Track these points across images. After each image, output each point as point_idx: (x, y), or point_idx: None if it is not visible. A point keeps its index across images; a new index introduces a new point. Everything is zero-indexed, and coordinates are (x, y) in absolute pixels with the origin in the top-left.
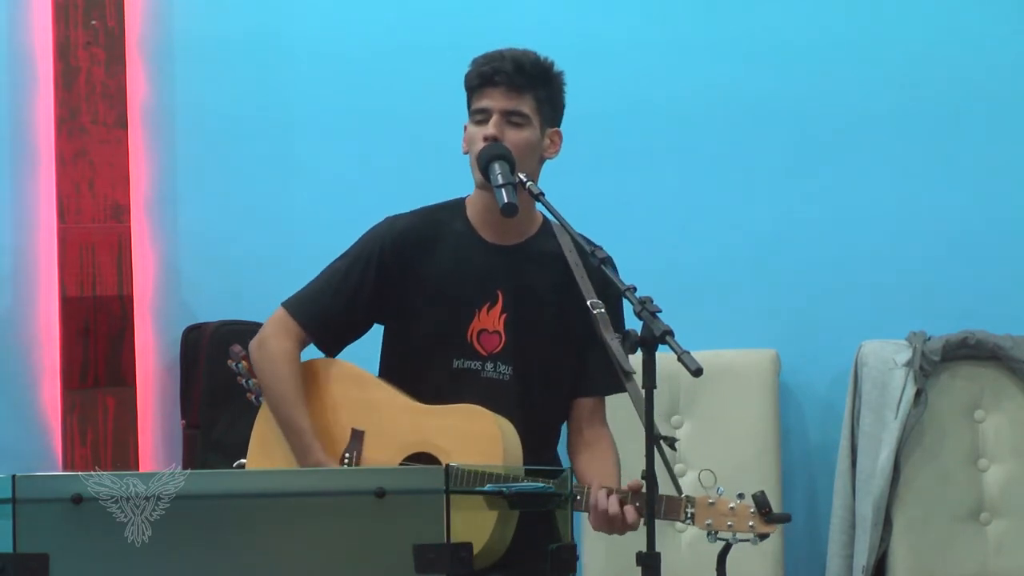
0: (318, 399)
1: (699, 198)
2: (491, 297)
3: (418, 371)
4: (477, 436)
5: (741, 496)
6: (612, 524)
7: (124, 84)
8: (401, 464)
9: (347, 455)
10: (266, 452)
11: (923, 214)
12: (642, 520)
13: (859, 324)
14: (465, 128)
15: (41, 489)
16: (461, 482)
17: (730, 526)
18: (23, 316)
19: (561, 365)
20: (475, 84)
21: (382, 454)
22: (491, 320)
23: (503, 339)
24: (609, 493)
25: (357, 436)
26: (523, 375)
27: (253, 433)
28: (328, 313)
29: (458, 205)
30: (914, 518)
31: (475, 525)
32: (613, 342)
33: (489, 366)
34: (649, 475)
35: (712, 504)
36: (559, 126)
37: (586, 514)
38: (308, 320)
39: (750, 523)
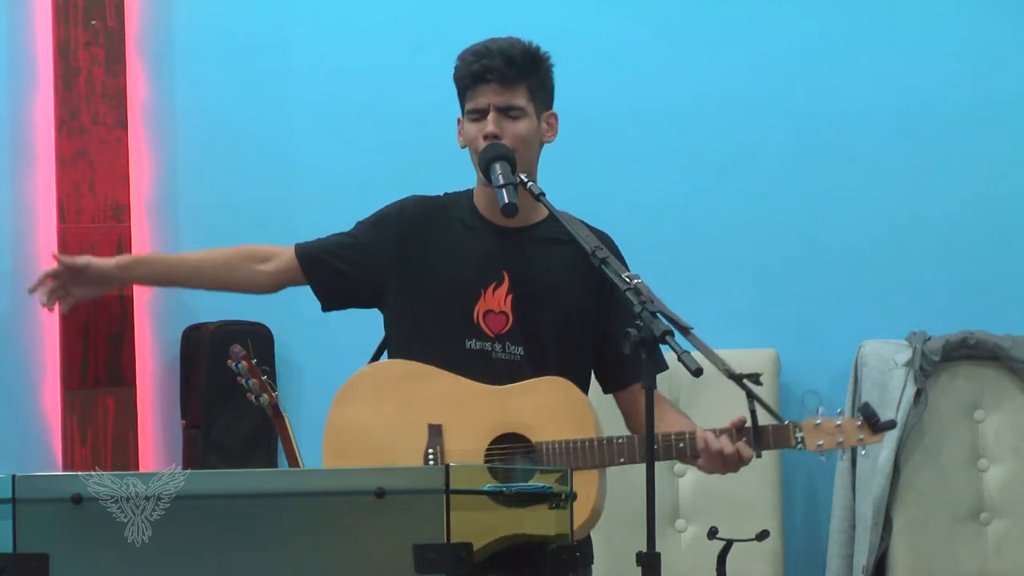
0: (387, 402)
1: (699, 198)
2: (497, 277)
3: (430, 354)
4: (565, 406)
5: (841, 413)
6: (728, 463)
7: (124, 84)
8: (489, 447)
9: (430, 452)
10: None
11: (923, 214)
12: (755, 454)
13: (859, 324)
14: (459, 122)
15: (41, 489)
16: (553, 460)
17: (840, 443)
18: (23, 316)
19: (578, 346)
20: (467, 84)
21: (465, 443)
22: (497, 300)
23: (510, 320)
24: (717, 434)
25: (435, 431)
26: (535, 356)
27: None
28: (325, 249)
29: (466, 193)
30: (914, 518)
31: (581, 490)
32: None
33: (498, 347)
34: (649, 476)
35: (819, 425)
36: (552, 107)
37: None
38: (304, 249)
39: (859, 436)
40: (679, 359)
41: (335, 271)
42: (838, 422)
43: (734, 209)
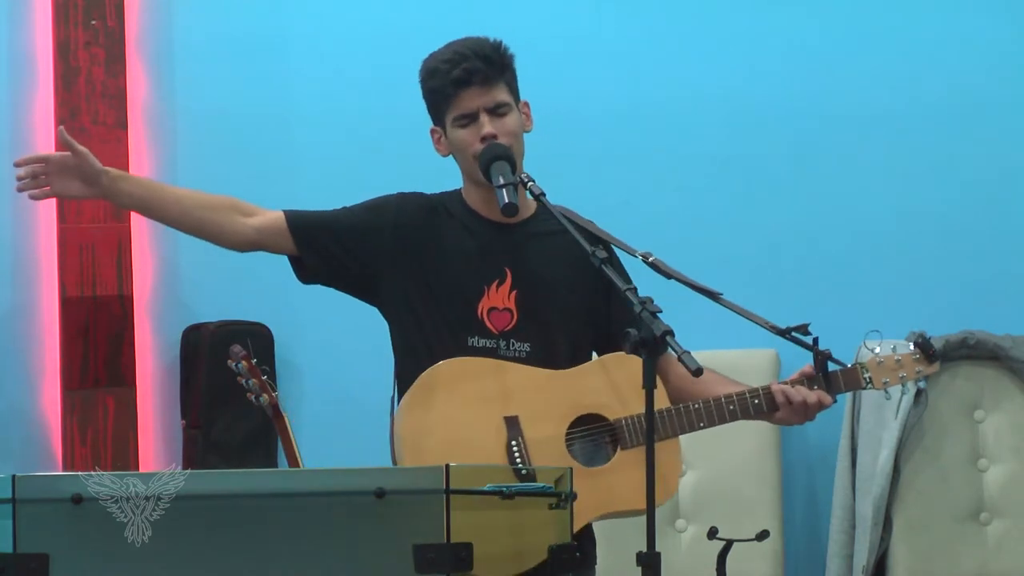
0: (456, 403)
1: (699, 198)
2: (499, 274)
3: (435, 352)
4: (633, 380)
5: (894, 348)
6: (809, 411)
7: (124, 84)
8: (569, 431)
9: (513, 444)
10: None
11: (923, 214)
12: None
13: (859, 324)
14: (433, 133)
15: (41, 489)
16: (635, 434)
17: (902, 377)
18: (23, 316)
19: (583, 337)
20: (449, 92)
21: (544, 430)
22: (500, 298)
23: (514, 317)
24: (791, 385)
25: (512, 423)
26: (543, 351)
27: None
28: (321, 225)
29: (454, 193)
30: (914, 518)
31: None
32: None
33: (503, 344)
34: (649, 475)
35: (881, 363)
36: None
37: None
38: (297, 218)
39: (917, 368)
40: (679, 359)
41: (327, 251)
42: (897, 358)
43: (734, 209)
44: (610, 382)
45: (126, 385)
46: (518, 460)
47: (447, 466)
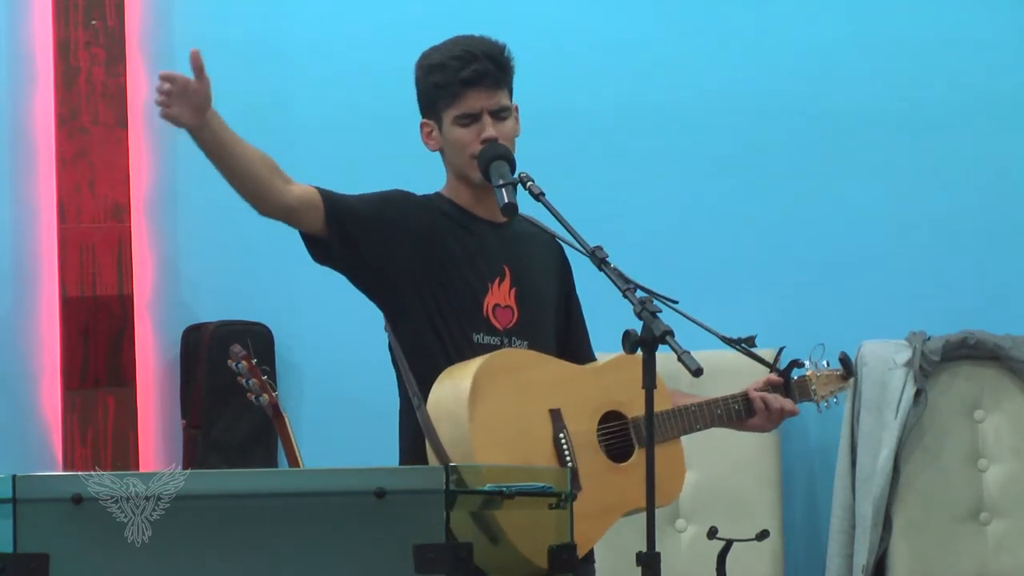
0: (515, 396)
1: (699, 198)
2: (499, 272)
3: (444, 349)
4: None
5: (816, 366)
6: (783, 416)
7: (124, 84)
8: (599, 428)
9: (561, 437)
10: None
11: (922, 214)
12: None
13: (859, 324)
14: (424, 126)
15: (41, 489)
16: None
17: (832, 391)
18: (23, 316)
19: (556, 335)
20: (456, 90)
21: (581, 424)
22: (503, 294)
23: (515, 314)
24: (764, 392)
25: (557, 415)
26: (539, 348)
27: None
28: (351, 210)
29: (436, 195)
30: (914, 518)
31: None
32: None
33: (506, 342)
34: (649, 475)
35: (819, 377)
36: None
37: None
38: (331, 199)
39: (840, 384)
40: (679, 359)
41: (351, 235)
42: (827, 373)
43: (734, 209)
44: (627, 380)
45: (126, 385)
46: (566, 453)
47: (446, 466)
